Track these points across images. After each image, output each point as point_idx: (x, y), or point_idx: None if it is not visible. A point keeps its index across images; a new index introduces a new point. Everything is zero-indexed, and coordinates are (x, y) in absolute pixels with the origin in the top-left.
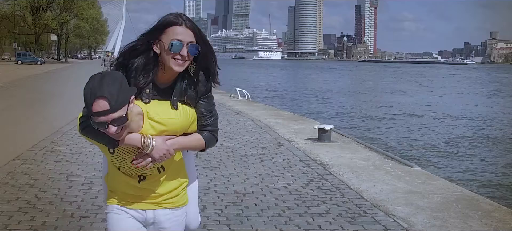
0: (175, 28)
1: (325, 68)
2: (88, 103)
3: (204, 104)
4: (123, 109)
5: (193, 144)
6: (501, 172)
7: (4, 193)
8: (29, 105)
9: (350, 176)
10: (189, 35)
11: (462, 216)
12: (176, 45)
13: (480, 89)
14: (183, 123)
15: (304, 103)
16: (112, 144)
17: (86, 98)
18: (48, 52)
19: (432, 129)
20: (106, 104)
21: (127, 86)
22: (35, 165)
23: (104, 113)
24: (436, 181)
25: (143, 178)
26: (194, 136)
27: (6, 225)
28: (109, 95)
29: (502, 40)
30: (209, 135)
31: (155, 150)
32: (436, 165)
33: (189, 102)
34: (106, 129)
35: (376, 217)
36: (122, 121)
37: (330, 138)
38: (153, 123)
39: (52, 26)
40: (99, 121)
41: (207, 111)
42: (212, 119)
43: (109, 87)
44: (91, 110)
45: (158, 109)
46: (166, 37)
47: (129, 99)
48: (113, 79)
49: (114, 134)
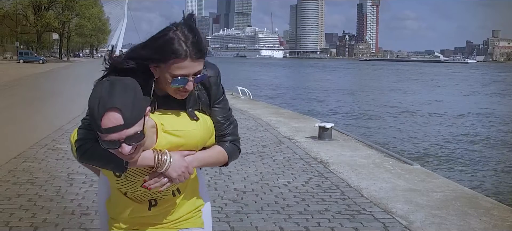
0: (178, 62)
1: (327, 67)
2: (96, 117)
3: (219, 110)
4: (139, 123)
5: (214, 159)
6: (501, 170)
7: (6, 191)
8: (31, 103)
9: (350, 174)
10: (196, 66)
11: (461, 214)
12: (180, 82)
13: (480, 88)
14: (204, 135)
15: (306, 102)
16: (120, 168)
17: (93, 111)
18: (50, 51)
19: (433, 128)
20: (119, 118)
21: (142, 95)
22: (36, 163)
23: (117, 129)
24: (436, 179)
25: (154, 203)
26: (215, 149)
27: (7, 222)
28: (122, 107)
29: (504, 39)
30: (231, 145)
31: (173, 167)
32: (437, 163)
33: (204, 110)
34: (117, 149)
35: (375, 214)
36: (138, 138)
37: (330, 136)
38: (169, 136)
39: (54, 25)
40: (110, 139)
41: (224, 119)
42: (231, 127)
43: (122, 97)
44: (100, 125)
45: (173, 120)
46: (166, 67)
47: (145, 111)
48: (125, 86)
49: (128, 155)
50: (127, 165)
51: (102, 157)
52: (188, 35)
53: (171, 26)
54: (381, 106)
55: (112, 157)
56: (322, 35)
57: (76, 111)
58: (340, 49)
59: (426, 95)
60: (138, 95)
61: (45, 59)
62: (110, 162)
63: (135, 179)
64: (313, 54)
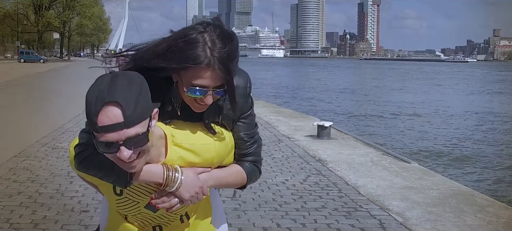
0: (199, 70)
1: (328, 66)
2: (92, 114)
3: (244, 126)
4: (142, 124)
5: (232, 179)
6: (499, 167)
7: (6, 188)
8: (31, 102)
9: (348, 172)
10: (219, 79)
11: (457, 211)
12: (197, 92)
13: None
14: (220, 151)
15: (305, 101)
16: (123, 181)
17: (90, 107)
18: (50, 51)
19: (432, 126)
20: (118, 114)
21: (149, 93)
22: (36, 161)
23: (116, 128)
24: (432, 176)
25: (159, 229)
26: (233, 168)
27: (8, 219)
28: (123, 102)
29: (505, 38)
30: (252, 166)
31: (184, 187)
32: (435, 162)
33: (224, 124)
34: (116, 153)
35: (371, 211)
36: (140, 141)
37: (329, 135)
38: (181, 150)
39: (54, 24)
40: (107, 139)
41: (248, 136)
42: (254, 146)
43: (124, 91)
44: (96, 123)
45: (186, 132)
46: (186, 76)
47: (151, 113)
48: (130, 80)
49: (127, 162)
50: (131, 178)
51: (103, 166)
52: (216, 43)
53: (199, 25)
54: (380, 105)
55: (115, 167)
56: (323, 34)
57: (76, 110)
58: (341, 48)
59: (425, 95)
60: (144, 93)
61: (46, 59)
62: (111, 173)
63: (138, 199)
64: (314, 53)
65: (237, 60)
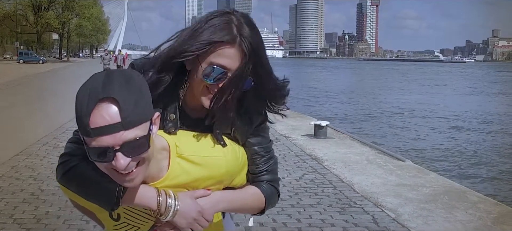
0: (221, 48)
1: (326, 67)
2: (83, 114)
3: (258, 139)
4: (142, 127)
5: (248, 202)
6: (492, 165)
7: (9, 186)
8: (32, 103)
9: (343, 170)
10: (241, 61)
11: (449, 207)
12: (217, 73)
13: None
14: (231, 167)
15: (303, 101)
16: (110, 201)
17: (81, 107)
18: (49, 51)
19: (427, 126)
20: (115, 112)
21: (149, 94)
22: (38, 159)
23: (112, 129)
24: (426, 174)
25: None
26: (249, 189)
27: (11, 214)
28: (120, 99)
29: (504, 38)
30: (270, 187)
31: (181, 213)
32: (430, 160)
33: (236, 138)
34: (111, 162)
35: (365, 207)
36: (140, 147)
37: (326, 134)
38: (186, 164)
39: (54, 25)
40: (101, 144)
41: (264, 151)
42: (270, 163)
43: (121, 88)
44: (89, 124)
45: (192, 142)
46: (205, 56)
47: (152, 116)
48: (127, 77)
49: (124, 174)
50: (118, 200)
51: (87, 180)
52: (243, 25)
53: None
54: (377, 105)
55: (103, 183)
56: (322, 35)
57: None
58: (340, 49)
59: (422, 95)
60: (145, 92)
61: (45, 60)
62: (98, 191)
63: (139, 223)
64: (312, 54)
65: (265, 52)
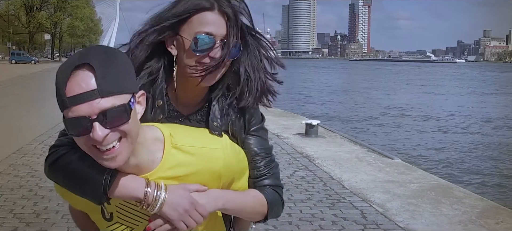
0: (202, 15)
1: (317, 67)
2: (60, 86)
3: (256, 140)
4: (121, 98)
5: (249, 205)
6: (478, 163)
7: (7, 182)
8: (26, 102)
9: (334, 167)
10: (224, 25)
11: (435, 202)
12: (204, 42)
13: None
14: (230, 160)
15: (295, 101)
16: (97, 193)
17: (58, 78)
18: (41, 52)
19: (416, 125)
20: (90, 79)
21: (132, 69)
22: (35, 157)
23: (87, 96)
24: (414, 171)
25: None
26: (250, 192)
27: (11, 209)
28: (96, 66)
29: (495, 39)
30: (273, 193)
31: (170, 205)
32: (418, 158)
33: (235, 137)
34: (89, 134)
35: (354, 203)
36: (118, 117)
37: (317, 133)
38: (181, 155)
39: (46, 25)
40: (78, 114)
41: (264, 153)
42: (272, 166)
43: (97, 56)
44: (65, 93)
45: (188, 133)
46: (188, 30)
47: (134, 91)
48: (106, 50)
49: (105, 151)
50: (105, 191)
51: (75, 171)
52: None
53: None
54: (368, 105)
55: (89, 174)
56: (314, 35)
57: None
58: (332, 49)
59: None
60: (124, 64)
61: (37, 60)
62: (85, 182)
63: (132, 224)
64: (305, 54)
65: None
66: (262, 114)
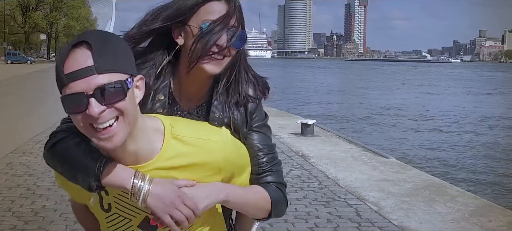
0: (210, 5)
1: (314, 67)
2: (58, 65)
3: (259, 136)
4: (117, 76)
5: (252, 201)
6: (472, 162)
7: (5, 181)
8: (23, 102)
9: (329, 166)
10: (230, 12)
11: (429, 201)
12: (209, 29)
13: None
14: (230, 153)
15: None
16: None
17: (57, 62)
18: (37, 52)
19: (411, 125)
20: (87, 55)
21: (131, 54)
22: (32, 157)
23: (84, 72)
24: (409, 170)
25: None
26: (253, 188)
27: (10, 208)
28: (94, 43)
29: (491, 39)
30: (277, 190)
31: (154, 197)
32: (413, 157)
33: (237, 131)
34: (85, 111)
35: (349, 201)
36: (114, 94)
37: (312, 132)
38: (180, 146)
39: (42, 25)
40: (74, 90)
41: (267, 149)
42: (275, 163)
43: (96, 36)
44: (62, 70)
45: (191, 124)
46: (196, 20)
47: (132, 72)
48: (105, 32)
49: (101, 130)
50: (98, 177)
51: (70, 156)
52: None
53: None
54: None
55: (84, 159)
56: (310, 35)
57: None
58: (328, 49)
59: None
60: (124, 48)
61: (33, 60)
62: (78, 166)
63: (130, 215)
64: (301, 54)
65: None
66: (265, 112)
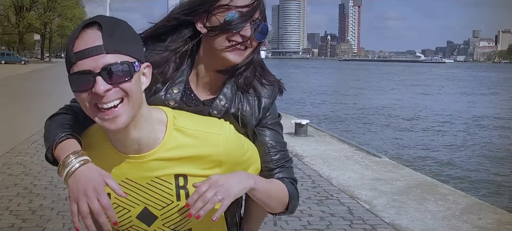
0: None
1: (308, 67)
2: (69, 44)
3: (271, 133)
4: (125, 57)
5: (274, 191)
6: (463, 161)
7: (2, 181)
8: (18, 102)
9: (322, 166)
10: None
11: (420, 199)
12: (235, 19)
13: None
14: (231, 146)
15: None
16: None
17: (68, 39)
18: (31, 52)
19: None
20: (97, 35)
21: (139, 41)
22: (28, 156)
23: (93, 51)
24: (401, 169)
25: None
26: (273, 180)
27: (7, 206)
28: (104, 24)
29: (484, 39)
30: (292, 187)
31: (75, 178)
32: (405, 157)
33: (245, 126)
34: (91, 89)
35: (341, 199)
36: (121, 75)
37: (306, 132)
38: (181, 137)
39: (35, 25)
40: (82, 68)
41: (280, 146)
42: (287, 159)
43: (106, 19)
44: (72, 49)
45: (192, 118)
46: (220, 9)
47: (139, 58)
48: (117, 19)
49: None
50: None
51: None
52: None
53: None
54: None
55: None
56: (304, 35)
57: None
58: (322, 49)
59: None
60: (132, 34)
61: (27, 60)
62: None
63: (129, 205)
64: (295, 54)
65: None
66: (279, 113)
